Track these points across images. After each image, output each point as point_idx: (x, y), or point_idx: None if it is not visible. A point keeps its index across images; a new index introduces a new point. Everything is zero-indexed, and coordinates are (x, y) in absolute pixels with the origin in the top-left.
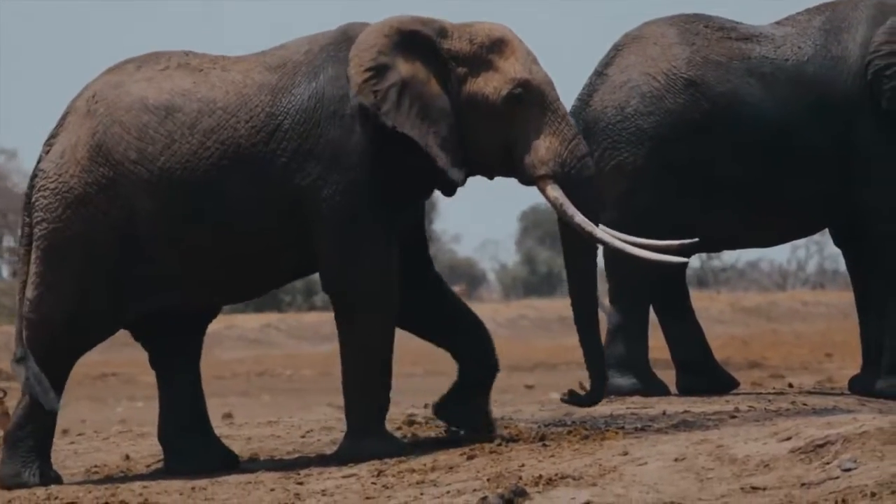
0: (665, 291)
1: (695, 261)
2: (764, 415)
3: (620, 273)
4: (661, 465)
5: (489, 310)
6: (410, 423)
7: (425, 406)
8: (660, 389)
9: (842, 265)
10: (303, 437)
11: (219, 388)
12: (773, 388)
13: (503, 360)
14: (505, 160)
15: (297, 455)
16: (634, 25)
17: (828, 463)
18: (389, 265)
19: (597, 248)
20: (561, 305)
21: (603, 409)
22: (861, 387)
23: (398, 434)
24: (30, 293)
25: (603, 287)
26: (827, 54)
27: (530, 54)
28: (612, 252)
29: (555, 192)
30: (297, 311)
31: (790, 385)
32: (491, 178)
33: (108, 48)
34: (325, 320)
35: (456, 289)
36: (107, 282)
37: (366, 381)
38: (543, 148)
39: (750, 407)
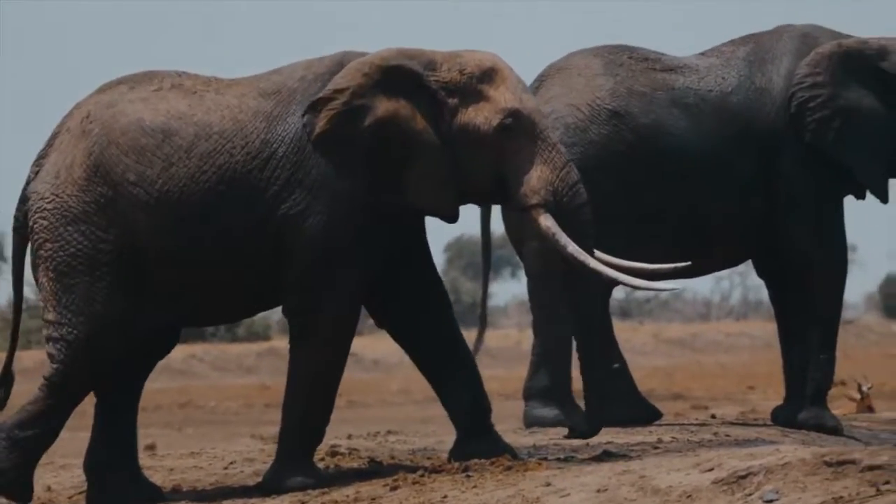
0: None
1: (618, 292)
2: (687, 446)
3: (544, 303)
4: (583, 497)
5: None
6: (333, 454)
7: (349, 437)
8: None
9: (765, 296)
10: (225, 468)
11: (142, 419)
12: (696, 420)
13: (427, 392)
14: (497, 190)
15: (219, 486)
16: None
17: (750, 494)
18: (355, 293)
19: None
20: (487, 336)
21: (525, 440)
22: (784, 418)
23: (321, 465)
24: (50, 316)
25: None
26: (751, 85)
27: (520, 83)
28: (535, 281)
29: (547, 221)
30: (221, 343)
31: (713, 416)
32: (484, 205)
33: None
34: (248, 352)
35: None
36: (115, 297)
37: (308, 408)
38: (535, 177)
39: (673, 438)
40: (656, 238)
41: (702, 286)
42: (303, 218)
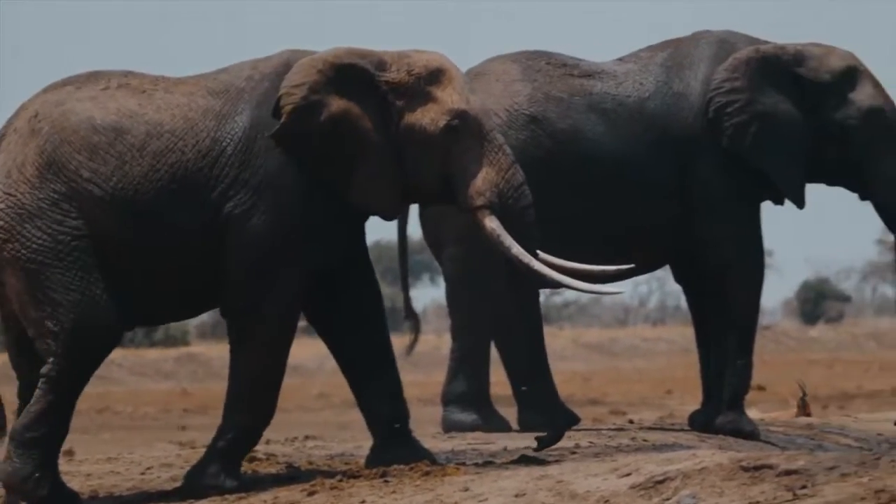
0: (506, 327)
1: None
2: (604, 451)
3: (462, 308)
4: (501, 501)
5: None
6: (251, 459)
7: (266, 442)
8: (501, 425)
9: (683, 301)
10: (142, 473)
11: None
12: (614, 424)
13: (346, 397)
14: (443, 190)
15: (136, 492)
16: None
17: (667, 499)
18: (297, 293)
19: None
20: (405, 341)
21: (444, 444)
22: (701, 423)
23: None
24: (31, 314)
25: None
26: (668, 91)
27: (467, 83)
28: (453, 286)
29: (492, 223)
30: (139, 348)
31: (631, 421)
32: (428, 206)
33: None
34: (166, 357)
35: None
36: (90, 281)
37: (248, 410)
38: (481, 178)
39: (591, 443)
40: (575, 243)
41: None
42: (247, 217)
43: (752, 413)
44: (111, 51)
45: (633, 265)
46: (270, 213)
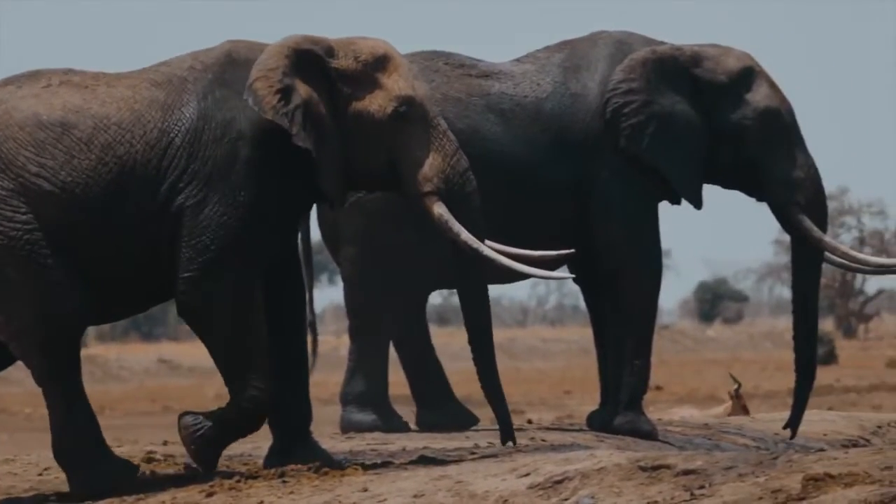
0: (405, 327)
1: (436, 297)
2: (503, 451)
3: (360, 309)
4: (400, 502)
5: None
6: (149, 460)
7: (164, 443)
8: (399, 425)
9: (581, 302)
10: (40, 475)
11: None
12: (513, 425)
13: None
14: (389, 177)
15: (34, 493)
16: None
17: (566, 499)
18: (252, 285)
19: (482, 278)
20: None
21: (342, 445)
22: (600, 423)
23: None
24: (3, 310)
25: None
26: (566, 91)
27: (411, 70)
28: (351, 287)
29: (440, 209)
30: None
31: (529, 421)
32: (372, 192)
33: None
34: None
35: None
36: (47, 270)
37: (249, 382)
38: (427, 164)
39: (489, 443)
40: None
41: (518, 291)
42: (199, 208)
43: (690, 412)
44: (46, 51)
45: (572, 249)
46: (222, 205)
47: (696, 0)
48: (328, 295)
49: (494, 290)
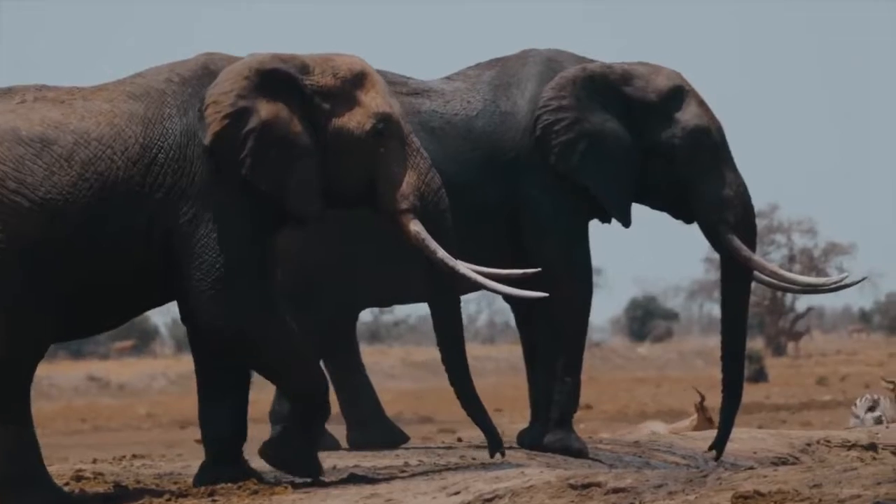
0: (335, 346)
1: (367, 315)
2: (433, 469)
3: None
4: None
5: (161, 365)
6: (78, 478)
7: (94, 461)
8: (330, 444)
9: (512, 319)
10: None
11: None
12: (443, 443)
13: (173, 416)
14: (366, 194)
15: None
16: None
17: None
18: (265, 299)
19: (458, 295)
20: None
21: None
22: (529, 441)
23: (66, 489)
24: None
25: None
26: (496, 109)
27: (386, 87)
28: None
29: (416, 227)
30: None
31: (460, 439)
32: (349, 209)
33: None
34: None
35: (125, 344)
36: (14, 298)
37: (306, 388)
38: (404, 182)
39: (420, 461)
40: (397, 262)
41: None
42: (192, 228)
43: (657, 427)
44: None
45: (538, 269)
46: (217, 223)
47: (619, 18)
48: None
49: (425, 308)
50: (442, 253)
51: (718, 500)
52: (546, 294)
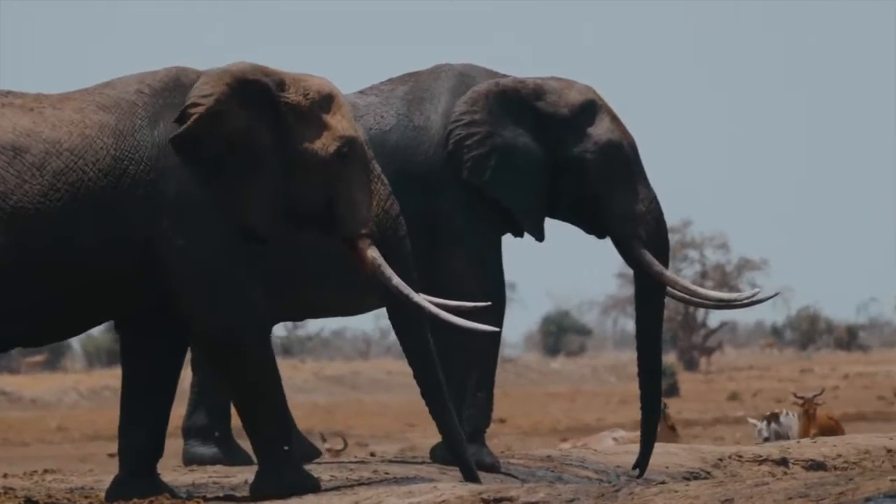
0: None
1: (280, 329)
2: (346, 484)
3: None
4: None
5: (72, 380)
6: None
7: (4, 476)
8: (242, 458)
9: None
10: None
11: None
12: (356, 457)
13: (85, 430)
14: (324, 216)
15: None
16: None
17: None
18: (255, 301)
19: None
20: None
21: (184, 478)
22: (442, 455)
23: None
24: None
25: None
26: (409, 124)
27: (351, 111)
28: None
29: (373, 252)
30: None
31: (372, 454)
32: (305, 230)
33: None
34: None
35: (37, 358)
36: None
37: (265, 422)
38: (364, 206)
39: (332, 476)
40: (313, 276)
41: (362, 324)
42: (171, 240)
43: (619, 434)
44: None
45: (489, 303)
46: (195, 234)
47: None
48: None
49: (338, 322)
50: (397, 280)
51: None
52: (497, 329)
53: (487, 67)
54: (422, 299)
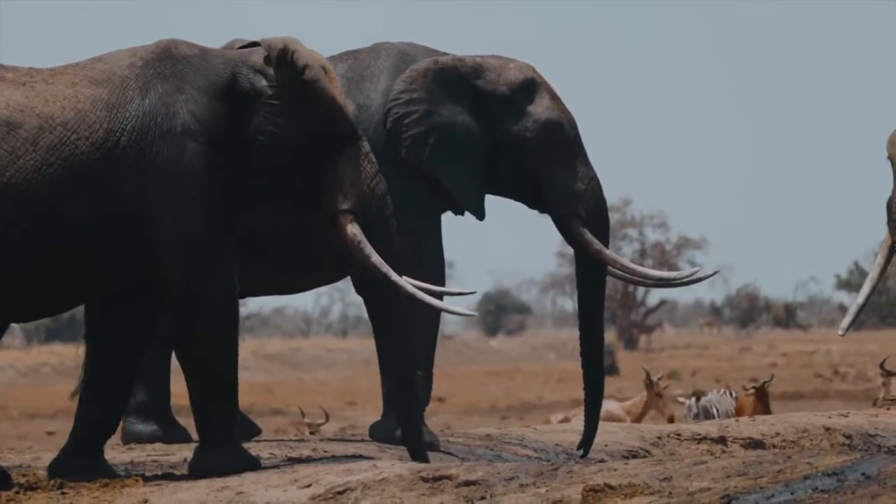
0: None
1: None
2: (285, 462)
3: None
4: None
5: (10, 357)
6: None
7: None
8: (181, 436)
9: (364, 313)
10: None
11: None
12: (295, 435)
13: (23, 408)
14: (309, 191)
15: None
16: None
17: None
18: (232, 284)
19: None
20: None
21: (123, 456)
22: (382, 434)
23: None
24: None
25: None
26: (350, 102)
27: (344, 87)
28: None
29: (354, 229)
30: None
31: (312, 432)
32: (292, 205)
33: None
34: None
35: None
36: None
37: (213, 404)
38: (347, 183)
39: (271, 454)
40: (254, 255)
41: (303, 302)
42: (157, 209)
43: (611, 406)
44: None
45: (474, 290)
46: (181, 204)
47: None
48: None
49: (278, 301)
50: (376, 258)
51: (569, 492)
52: (475, 314)
53: (428, 46)
54: (400, 279)
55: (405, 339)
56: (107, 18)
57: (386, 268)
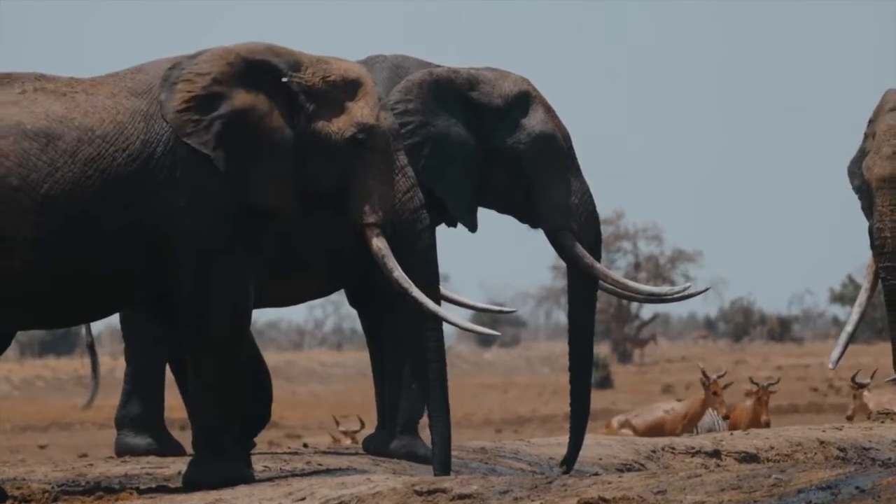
0: (182, 351)
1: None
2: (279, 475)
3: (134, 332)
4: None
5: (4, 370)
6: None
7: None
8: (175, 449)
9: (359, 325)
10: None
11: None
12: (289, 448)
13: (17, 421)
14: (338, 198)
15: None
16: None
17: None
18: (244, 300)
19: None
20: (77, 364)
21: (118, 469)
22: (376, 447)
23: None
24: None
25: None
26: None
27: (381, 101)
28: (126, 311)
29: (379, 242)
30: None
31: (305, 445)
32: (319, 210)
33: None
34: None
35: None
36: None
37: (215, 413)
38: (377, 196)
39: (265, 467)
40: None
41: (296, 315)
42: (178, 218)
43: (671, 406)
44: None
45: (515, 309)
46: (200, 213)
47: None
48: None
49: (272, 313)
50: (398, 273)
51: None
52: (498, 333)
53: (421, 58)
54: (422, 296)
55: (417, 357)
56: (107, 18)
57: (408, 283)
